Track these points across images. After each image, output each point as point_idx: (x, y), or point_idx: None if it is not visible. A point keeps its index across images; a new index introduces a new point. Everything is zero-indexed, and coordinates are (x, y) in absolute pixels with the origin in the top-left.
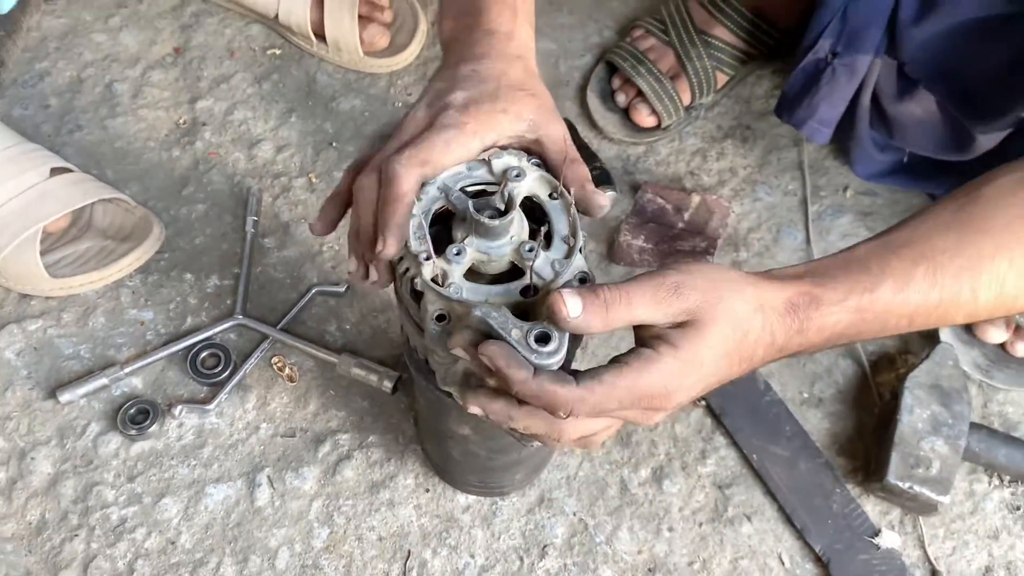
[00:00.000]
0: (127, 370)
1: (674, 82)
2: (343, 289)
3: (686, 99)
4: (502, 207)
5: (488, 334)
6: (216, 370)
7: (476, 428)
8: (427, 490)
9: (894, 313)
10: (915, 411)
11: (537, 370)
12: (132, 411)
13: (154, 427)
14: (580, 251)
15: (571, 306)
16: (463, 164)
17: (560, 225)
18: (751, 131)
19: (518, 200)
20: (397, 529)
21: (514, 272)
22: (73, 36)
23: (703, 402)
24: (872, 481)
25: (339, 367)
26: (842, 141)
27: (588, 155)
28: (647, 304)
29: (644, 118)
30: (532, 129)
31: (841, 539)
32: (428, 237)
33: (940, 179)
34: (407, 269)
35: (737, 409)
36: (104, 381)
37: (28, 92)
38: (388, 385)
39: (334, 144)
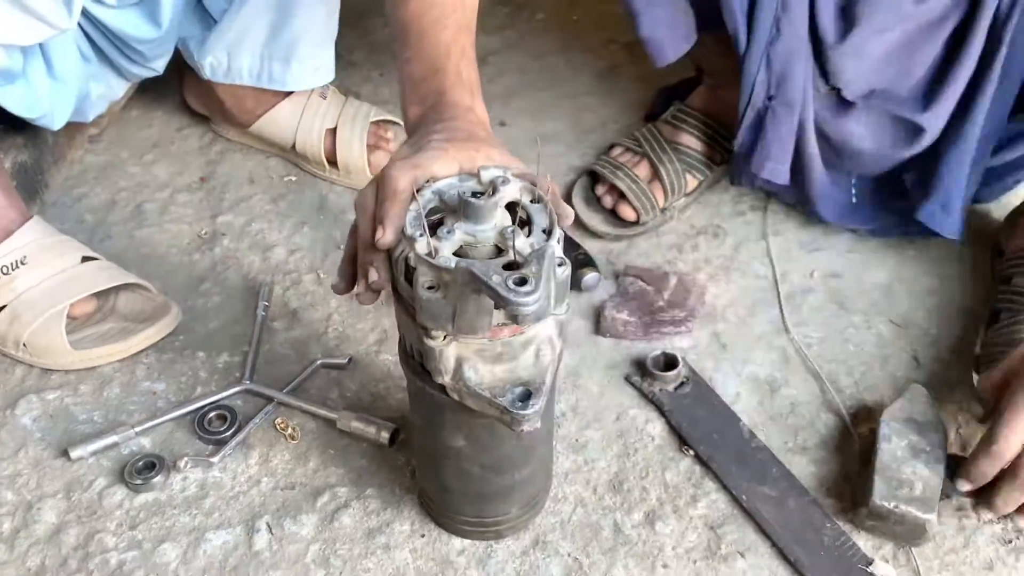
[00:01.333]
0: (137, 429)
1: (649, 185)
2: (345, 361)
3: (660, 200)
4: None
5: (471, 286)
6: (222, 429)
7: (469, 438)
8: (422, 535)
9: None
10: (893, 440)
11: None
12: (139, 464)
13: (159, 478)
14: (558, 242)
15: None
16: (455, 177)
17: (539, 220)
18: (721, 229)
19: (503, 200)
20: (393, 571)
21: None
22: (111, 169)
23: (691, 451)
24: (859, 508)
25: (339, 422)
26: (801, 189)
27: (571, 244)
28: None
29: (626, 212)
30: (501, 166)
31: (836, 570)
32: (424, 222)
33: (885, 215)
34: (402, 251)
35: (724, 455)
36: (115, 439)
37: (66, 211)
38: (385, 436)
39: (341, 247)
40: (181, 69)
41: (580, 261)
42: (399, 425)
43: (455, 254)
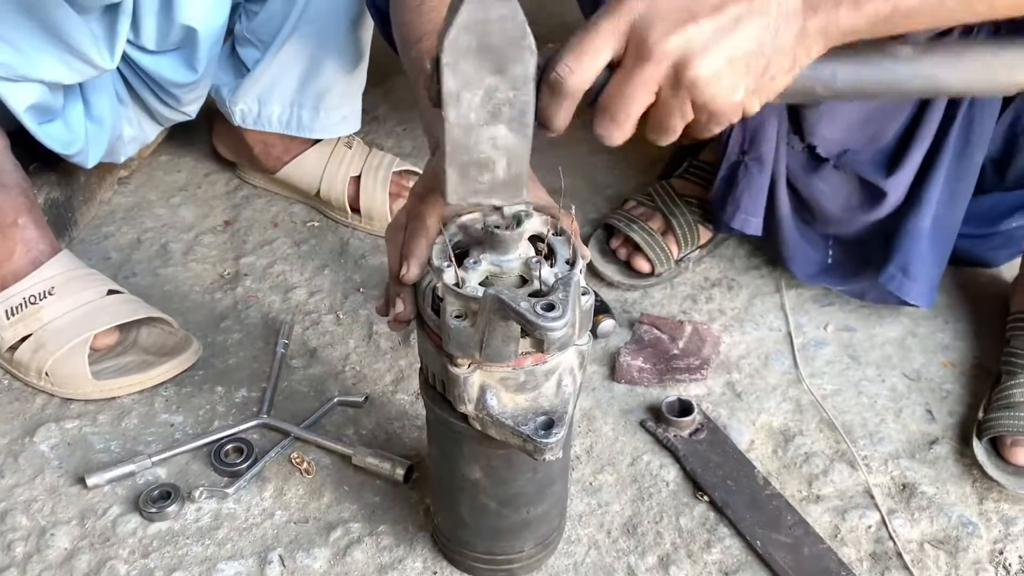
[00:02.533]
0: (154, 459)
1: (664, 237)
2: (362, 399)
3: (675, 252)
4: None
5: (499, 313)
6: (238, 461)
7: (486, 470)
8: (434, 573)
9: None
10: None
11: None
12: (155, 493)
13: (173, 508)
14: (580, 272)
15: None
16: (478, 212)
17: (562, 251)
18: (736, 282)
19: (526, 233)
20: None
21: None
22: (138, 210)
23: (706, 497)
24: None
25: (355, 458)
26: (775, 245)
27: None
28: None
29: (641, 263)
30: (523, 200)
31: None
32: (451, 253)
33: (860, 277)
34: (429, 282)
35: (739, 501)
36: (132, 468)
37: (92, 248)
38: (401, 472)
39: (361, 290)
40: (211, 116)
41: (596, 308)
42: (414, 463)
43: (481, 284)
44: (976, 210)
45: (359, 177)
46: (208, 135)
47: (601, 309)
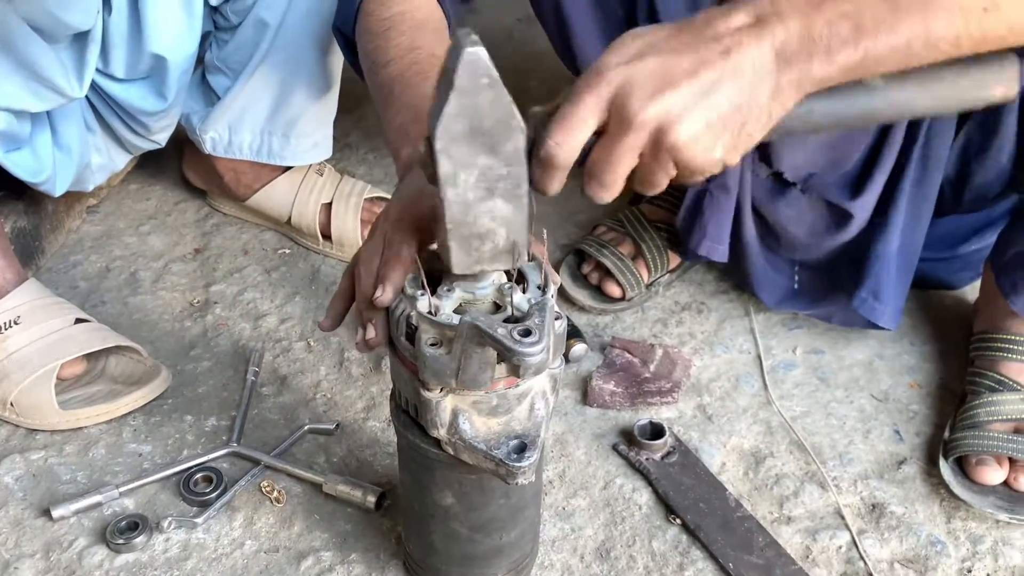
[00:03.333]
0: (121, 490)
1: (634, 262)
2: (333, 427)
3: (645, 276)
4: None
5: (476, 340)
6: (207, 491)
7: (458, 496)
8: None
9: None
10: None
11: None
12: (122, 524)
13: (141, 538)
14: (552, 297)
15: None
16: None
17: (534, 277)
18: (705, 306)
19: None
20: None
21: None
22: (107, 238)
23: (678, 520)
24: None
25: (325, 486)
26: (742, 273)
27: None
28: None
29: (611, 288)
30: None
31: None
32: (424, 280)
33: (828, 302)
34: (403, 311)
35: (711, 524)
36: (98, 499)
37: (60, 277)
38: (372, 500)
39: None
40: (181, 144)
41: (568, 333)
42: (386, 490)
43: (455, 312)
44: (935, 234)
45: (330, 204)
46: (178, 163)
47: (573, 333)
